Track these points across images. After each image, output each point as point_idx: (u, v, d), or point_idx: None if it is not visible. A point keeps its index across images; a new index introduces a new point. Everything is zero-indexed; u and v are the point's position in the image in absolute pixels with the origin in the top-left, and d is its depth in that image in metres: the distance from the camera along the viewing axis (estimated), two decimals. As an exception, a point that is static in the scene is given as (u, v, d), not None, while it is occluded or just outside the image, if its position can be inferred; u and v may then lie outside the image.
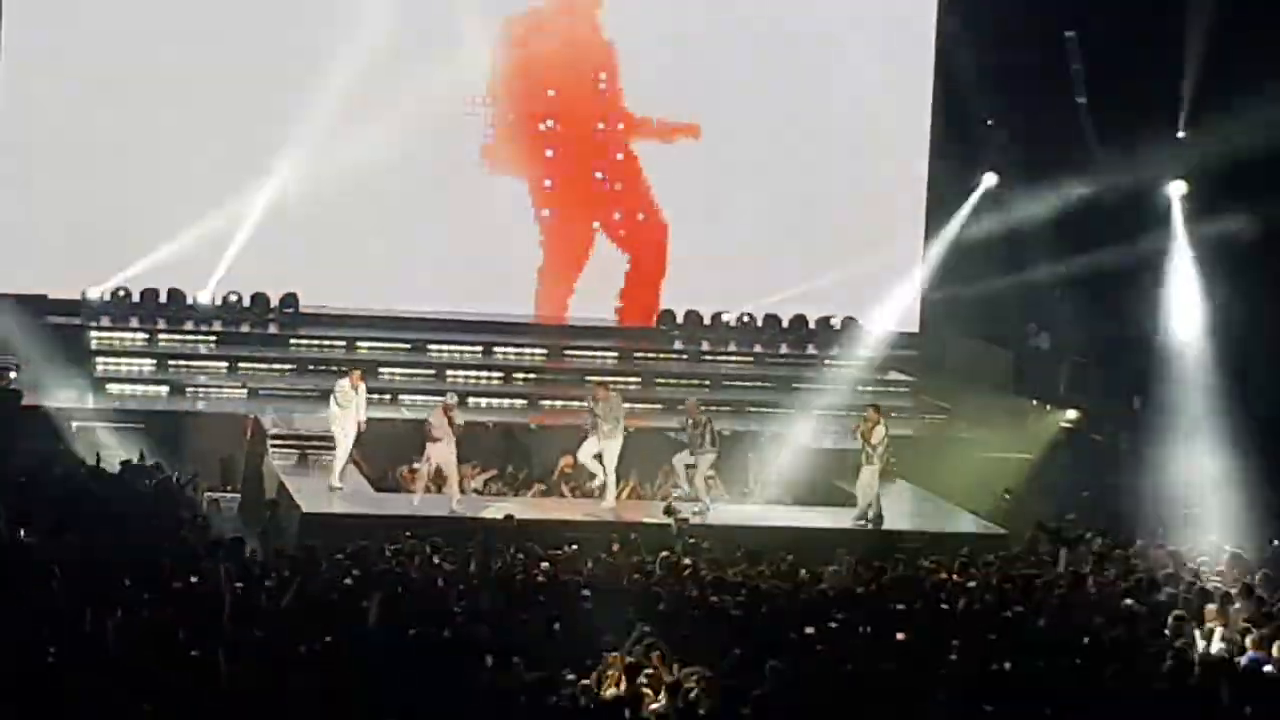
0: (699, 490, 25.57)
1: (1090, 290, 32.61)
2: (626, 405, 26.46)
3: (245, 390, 30.50)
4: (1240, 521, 24.87)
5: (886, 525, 25.46)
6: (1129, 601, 20.27)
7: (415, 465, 26.12)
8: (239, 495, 27.31)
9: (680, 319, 35.04)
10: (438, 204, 33.85)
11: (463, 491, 25.96)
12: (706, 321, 35.02)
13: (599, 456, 25.51)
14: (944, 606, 19.79)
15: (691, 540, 22.96)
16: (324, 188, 32.16)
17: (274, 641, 16.75)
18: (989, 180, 34.87)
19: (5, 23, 32.01)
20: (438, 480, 25.66)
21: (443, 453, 25.19)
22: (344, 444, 25.73)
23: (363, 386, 25.96)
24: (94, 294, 32.44)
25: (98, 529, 21.34)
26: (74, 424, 27.66)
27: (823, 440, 29.08)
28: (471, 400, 30.43)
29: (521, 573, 20.39)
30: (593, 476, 25.84)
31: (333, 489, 25.54)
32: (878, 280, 34.61)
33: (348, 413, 25.66)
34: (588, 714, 15.37)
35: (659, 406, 30.55)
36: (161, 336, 31.92)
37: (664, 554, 21.78)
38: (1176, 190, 32.32)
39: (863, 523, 25.38)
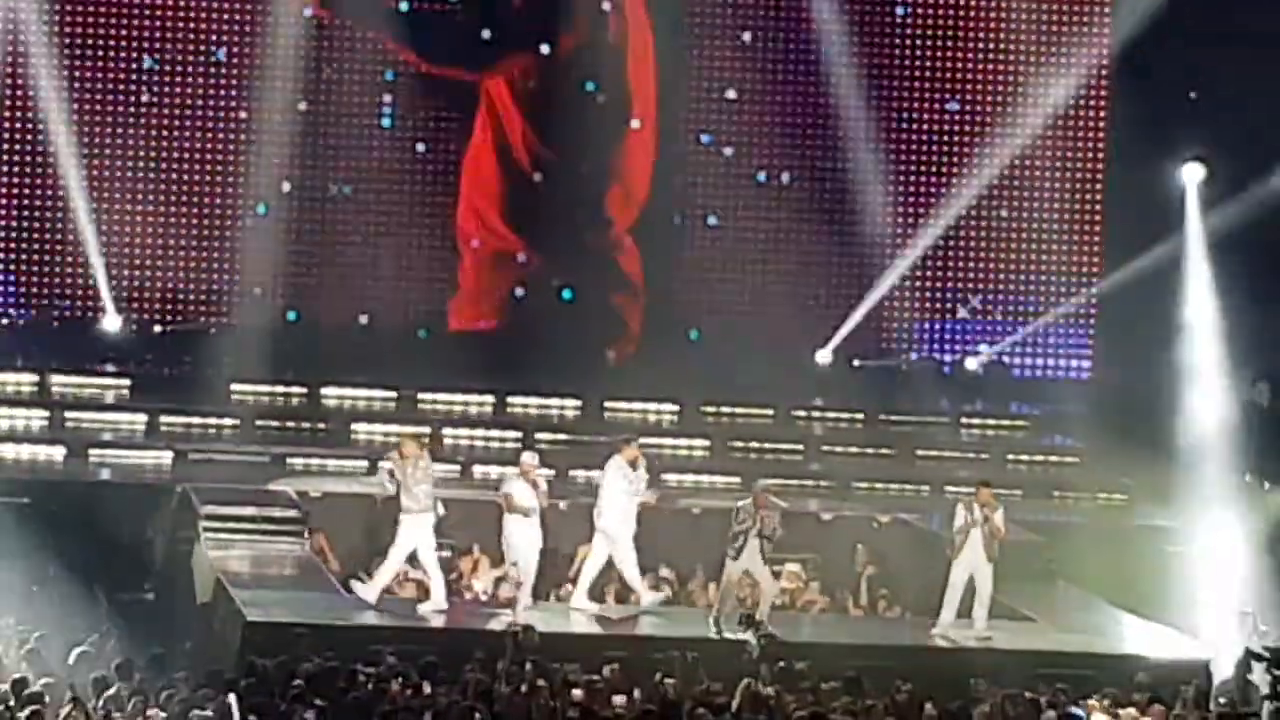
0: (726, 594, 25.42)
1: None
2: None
3: (170, 453, 30.69)
4: None
5: (1046, 646, 25.36)
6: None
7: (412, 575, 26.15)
8: (154, 595, 27.43)
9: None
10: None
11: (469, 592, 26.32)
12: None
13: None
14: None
15: (780, 663, 22.94)
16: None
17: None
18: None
19: None
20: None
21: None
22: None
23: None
24: None
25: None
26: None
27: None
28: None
29: (544, 704, 20.39)
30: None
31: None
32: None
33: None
34: None
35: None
36: (56, 380, 32.06)
37: (744, 682, 21.73)
38: None
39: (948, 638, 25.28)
